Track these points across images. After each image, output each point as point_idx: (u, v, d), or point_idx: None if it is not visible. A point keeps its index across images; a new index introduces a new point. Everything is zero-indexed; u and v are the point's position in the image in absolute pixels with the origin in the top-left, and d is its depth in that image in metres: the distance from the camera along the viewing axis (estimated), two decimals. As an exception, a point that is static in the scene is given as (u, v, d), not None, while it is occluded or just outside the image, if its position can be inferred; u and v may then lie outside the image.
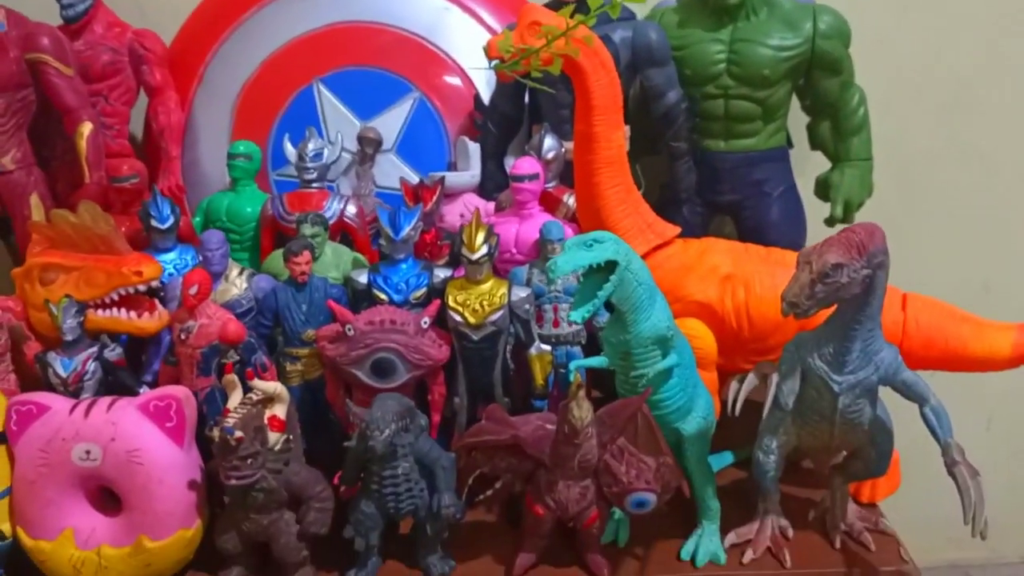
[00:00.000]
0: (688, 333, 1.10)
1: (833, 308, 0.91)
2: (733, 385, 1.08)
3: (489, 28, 1.41)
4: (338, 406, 1.12)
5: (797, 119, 1.38)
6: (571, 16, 1.02)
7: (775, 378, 0.99)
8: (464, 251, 1.07)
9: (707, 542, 1.04)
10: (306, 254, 1.10)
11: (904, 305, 1.11)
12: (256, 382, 1.00)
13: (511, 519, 1.11)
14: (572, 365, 1.01)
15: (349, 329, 1.05)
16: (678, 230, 1.16)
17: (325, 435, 1.13)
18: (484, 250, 1.07)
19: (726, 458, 1.20)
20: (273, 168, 1.40)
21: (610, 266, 0.94)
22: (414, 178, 1.33)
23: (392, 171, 1.39)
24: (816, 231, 1.30)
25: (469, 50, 1.41)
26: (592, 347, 1.16)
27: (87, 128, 1.27)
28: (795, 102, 1.38)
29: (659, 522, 1.05)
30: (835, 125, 1.32)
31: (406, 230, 1.12)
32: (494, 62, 1.09)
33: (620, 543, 1.07)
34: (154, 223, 1.19)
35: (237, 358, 1.07)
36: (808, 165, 1.42)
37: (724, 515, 1.05)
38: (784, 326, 1.06)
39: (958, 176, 1.63)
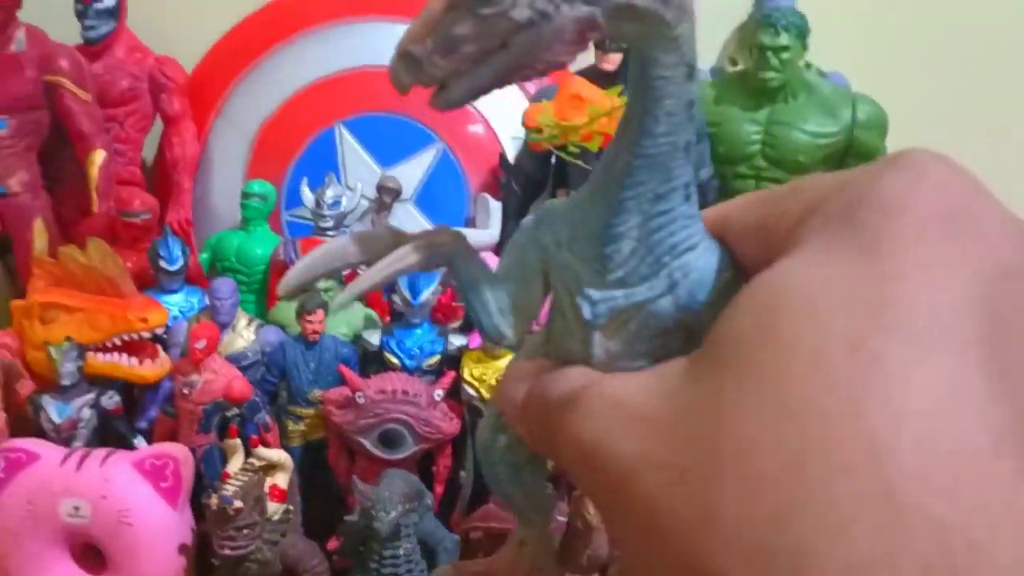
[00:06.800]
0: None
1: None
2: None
3: (523, 87, 1.39)
4: (339, 470, 1.08)
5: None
6: (620, 95, 0.99)
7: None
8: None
9: None
10: (320, 312, 1.06)
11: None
12: (260, 449, 0.96)
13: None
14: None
15: (360, 397, 1.01)
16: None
17: (324, 497, 1.09)
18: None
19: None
20: (287, 208, 1.36)
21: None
22: (431, 231, 1.30)
23: (409, 221, 1.35)
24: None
25: (497, 104, 1.38)
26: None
27: (100, 156, 1.23)
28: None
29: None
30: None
31: (425, 294, 1.09)
32: (531, 133, 1.06)
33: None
34: (163, 264, 1.14)
35: (237, 412, 1.03)
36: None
37: None
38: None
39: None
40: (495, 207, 1.31)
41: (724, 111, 1.25)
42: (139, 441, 1.03)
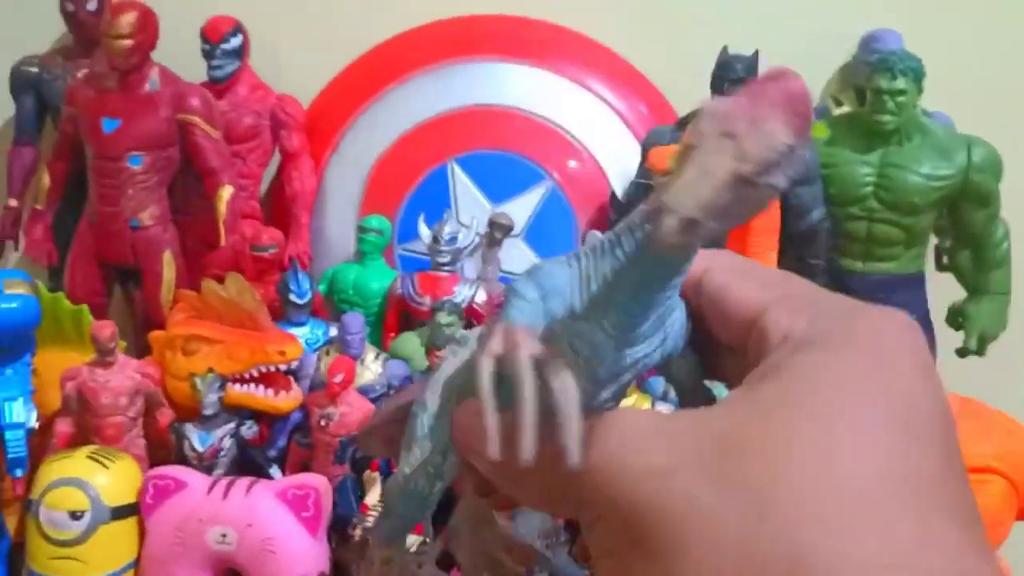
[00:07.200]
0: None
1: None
2: None
3: (630, 126, 1.41)
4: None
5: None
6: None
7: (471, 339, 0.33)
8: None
9: None
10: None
11: None
12: (400, 482, 0.99)
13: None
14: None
15: (490, 431, 1.04)
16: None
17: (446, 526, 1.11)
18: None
19: None
20: (400, 242, 1.40)
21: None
22: (540, 266, 1.33)
23: (517, 256, 1.38)
24: (945, 362, 1.26)
25: (605, 143, 1.41)
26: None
27: (227, 192, 1.28)
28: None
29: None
30: (976, 256, 1.30)
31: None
32: (657, 176, 1.08)
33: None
34: (292, 298, 1.19)
35: (365, 443, 1.06)
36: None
37: None
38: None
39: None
40: (604, 244, 1.33)
41: (836, 153, 1.27)
42: (274, 471, 1.07)
